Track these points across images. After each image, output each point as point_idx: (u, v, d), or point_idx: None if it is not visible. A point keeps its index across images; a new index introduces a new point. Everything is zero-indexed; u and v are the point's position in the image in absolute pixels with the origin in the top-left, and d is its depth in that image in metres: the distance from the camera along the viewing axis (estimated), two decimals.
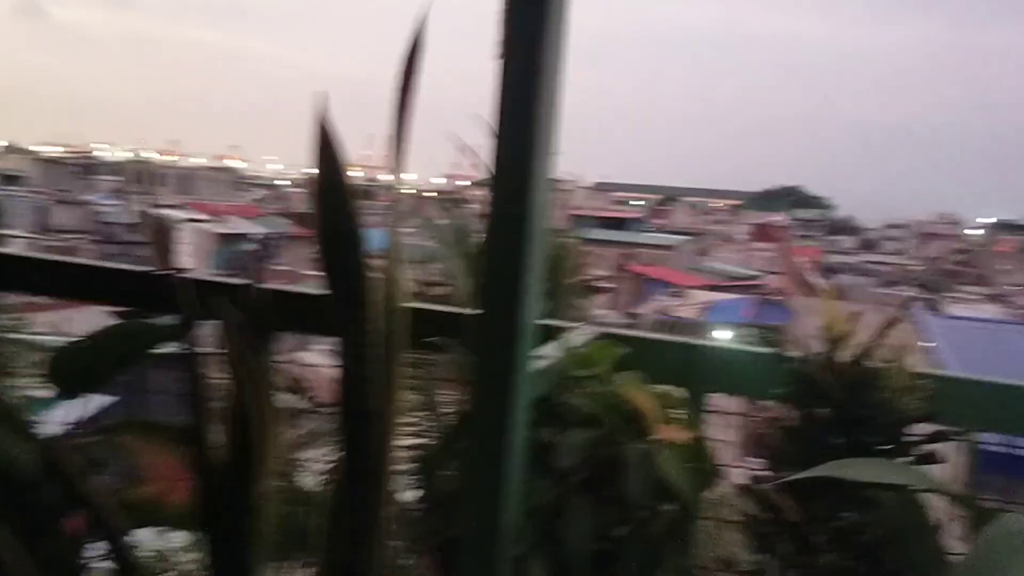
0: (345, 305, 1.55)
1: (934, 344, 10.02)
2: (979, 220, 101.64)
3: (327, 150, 1.46)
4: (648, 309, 24.99)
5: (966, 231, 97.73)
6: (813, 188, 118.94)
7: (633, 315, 24.85)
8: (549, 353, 1.80)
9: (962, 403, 1.86)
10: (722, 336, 18.62)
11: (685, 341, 2.11)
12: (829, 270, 43.42)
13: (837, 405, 1.54)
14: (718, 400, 2.27)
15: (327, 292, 1.56)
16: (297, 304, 2.11)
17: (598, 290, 30.88)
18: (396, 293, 1.61)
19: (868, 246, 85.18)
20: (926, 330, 10.95)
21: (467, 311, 1.80)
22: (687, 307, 22.67)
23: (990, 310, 34.22)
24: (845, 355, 1.57)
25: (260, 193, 71.63)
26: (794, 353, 1.64)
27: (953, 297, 38.13)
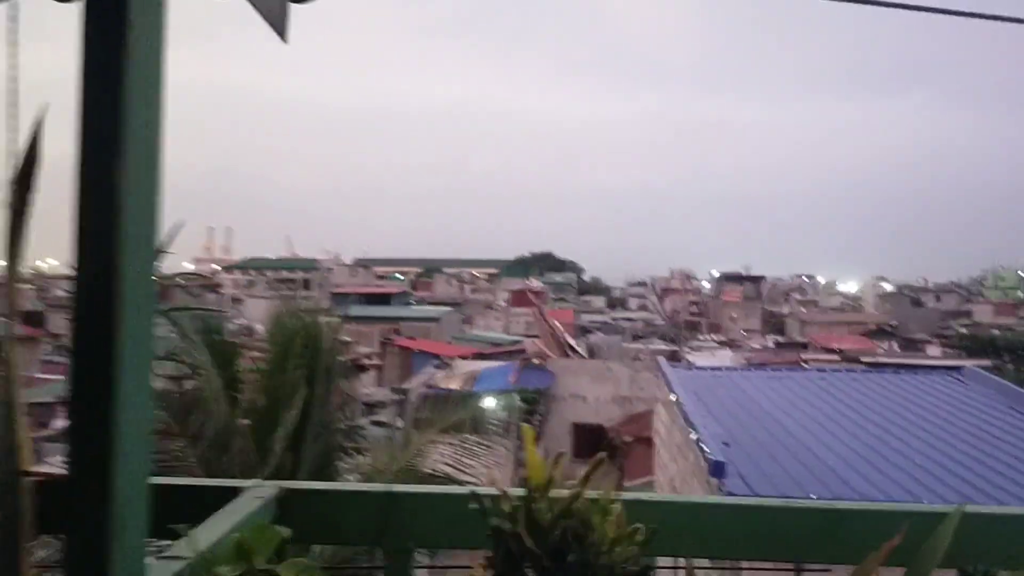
0: None
1: (677, 395, 10.87)
2: (709, 273, 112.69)
3: None
4: (416, 383, 25.03)
5: (699, 284, 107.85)
6: (563, 253, 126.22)
7: (401, 390, 24.79)
8: (182, 551, 1.32)
9: (682, 531, 1.63)
10: (489, 404, 19.01)
11: (383, 490, 1.77)
12: (583, 329, 45.93)
13: (541, 568, 1.28)
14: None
15: None
16: None
17: (365, 368, 30.52)
18: (16, 458, 1.15)
19: (615, 304, 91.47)
20: (670, 382, 11.86)
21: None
22: (455, 378, 22.94)
23: (725, 355, 37.74)
24: (548, 509, 1.30)
25: None
26: (495, 501, 1.34)
27: (693, 346, 41.68)
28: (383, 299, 52.97)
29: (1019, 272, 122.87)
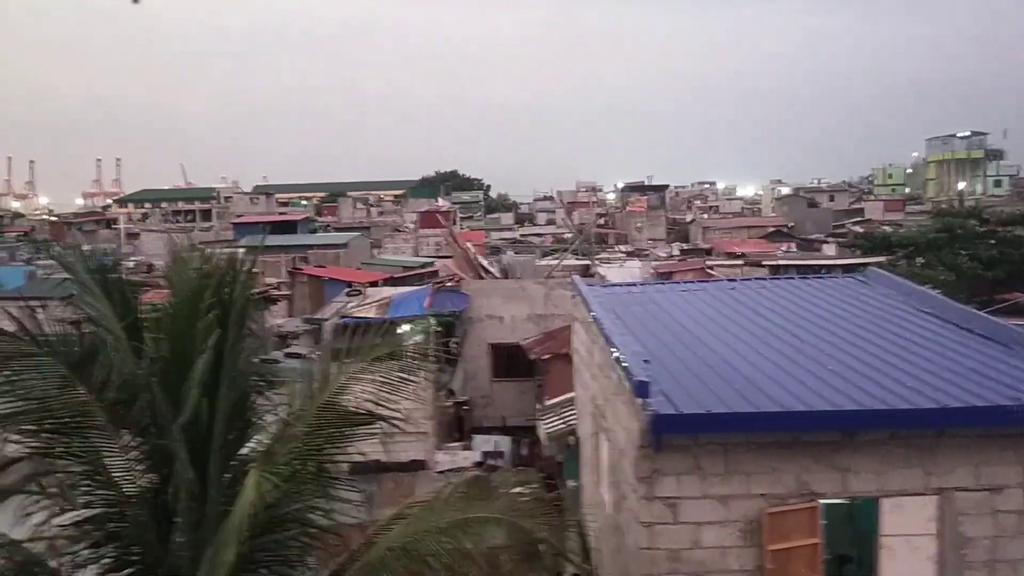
0: None
1: (595, 314, 10.89)
2: (614, 185, 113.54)
3: None
4: (328, 312, 24.56)
5: (604, 196, 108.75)
6: (468, 171, 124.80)
7: (314, 320, 24.31)
8: None
9: None
10: (405, 330, 18.81)
11: None
12: (493, 249, 45.80)
13: None
14: None
15: None
16: None
17: (274, 300, 29.77)
18: None
19: (524, 220, 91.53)
20: (587, 301, 11.88)
21: None
22: (368, 306, 22.59)
23: (634, 264, 38.34)
24: None
25: None
26: None
27: (602, 258, 42.16)
28: (288, 227, 51.56)
29: (906, 169, 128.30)
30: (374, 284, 28.68)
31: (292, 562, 7.71)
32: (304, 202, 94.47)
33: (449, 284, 25.44)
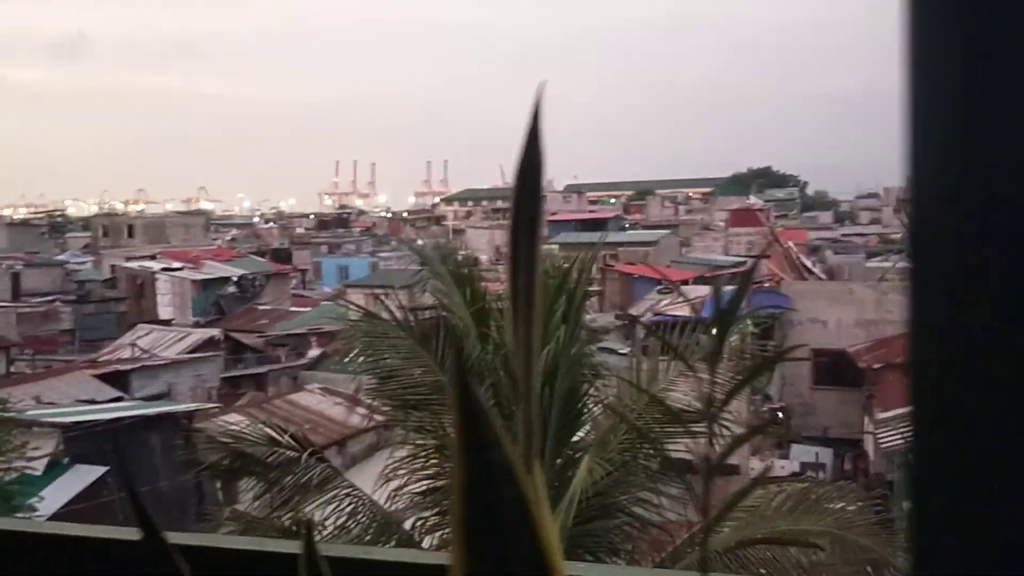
0: None
1: None
2: None
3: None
4: (639, 309, 24.77)
5: None
6: (782, 167, 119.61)
7: (626, 316, 24.63)
8: None
9: None
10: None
11: None
12: (812, 249, 43.39)
13: None
14: None
15: None
16: None
17: (588, 295, 30.68)
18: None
19: (844, 219, 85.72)
20: None
21: None
22: (682, 303, 22.44)
23: None
24: None
25: (234, 232, 71.05)
26: None
27: None
28: (598, 224, 52.80)
29: None
30: (684, 283, 28.46)
31: (616, 550, 7.82)
32: (612, 200, 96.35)
33: (767, 284, 24.55)
